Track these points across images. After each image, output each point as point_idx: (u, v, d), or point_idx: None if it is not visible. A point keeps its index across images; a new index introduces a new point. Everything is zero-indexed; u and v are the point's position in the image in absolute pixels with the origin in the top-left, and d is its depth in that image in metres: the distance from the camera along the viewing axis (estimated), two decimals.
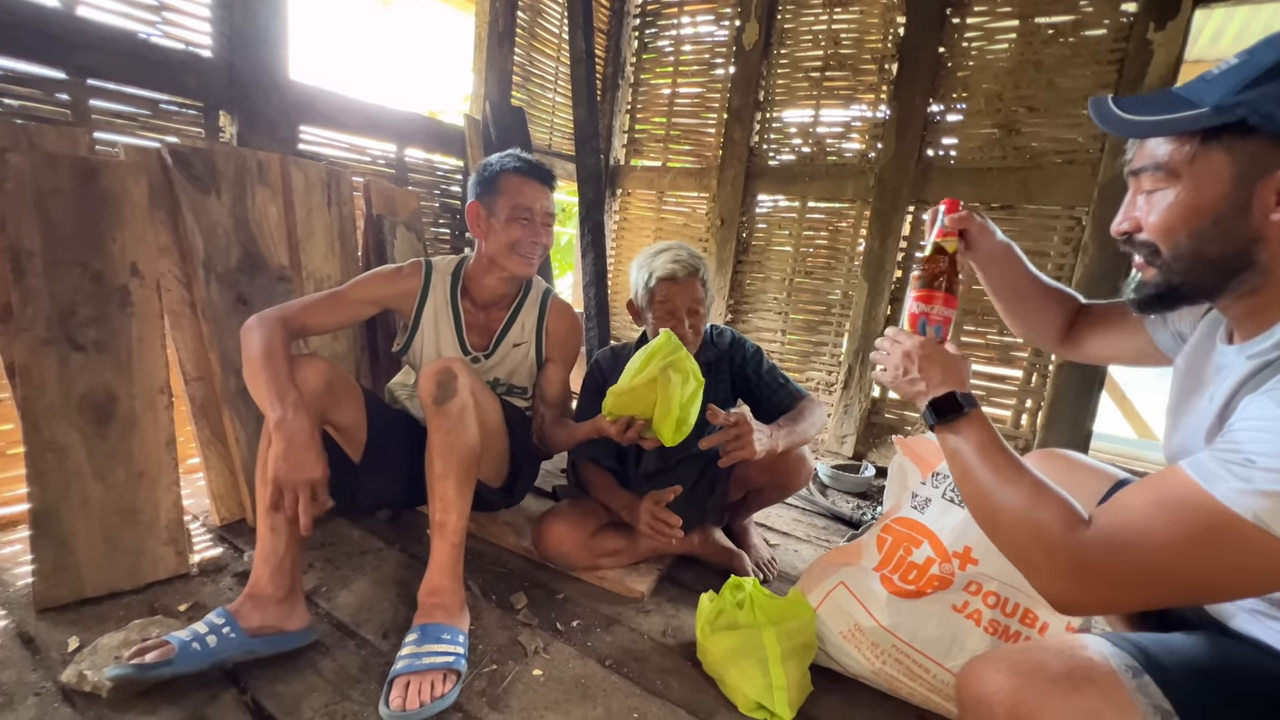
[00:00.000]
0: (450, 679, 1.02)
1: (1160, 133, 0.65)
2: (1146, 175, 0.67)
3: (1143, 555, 0.57)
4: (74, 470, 1.20)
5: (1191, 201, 0.63)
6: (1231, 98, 0.59)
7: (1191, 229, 0.64)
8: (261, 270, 1.62)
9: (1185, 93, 0.64)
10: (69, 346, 1.22)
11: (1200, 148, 0.62)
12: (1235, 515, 0.53)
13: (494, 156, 1.40)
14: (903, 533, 1.09)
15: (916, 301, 0.91)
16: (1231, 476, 0.54)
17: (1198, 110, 0.61)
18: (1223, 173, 0.61)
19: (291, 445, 1.06)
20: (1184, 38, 1.98)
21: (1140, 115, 0.65)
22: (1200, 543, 0.55)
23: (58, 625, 1.12)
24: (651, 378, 1.18)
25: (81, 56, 1.44)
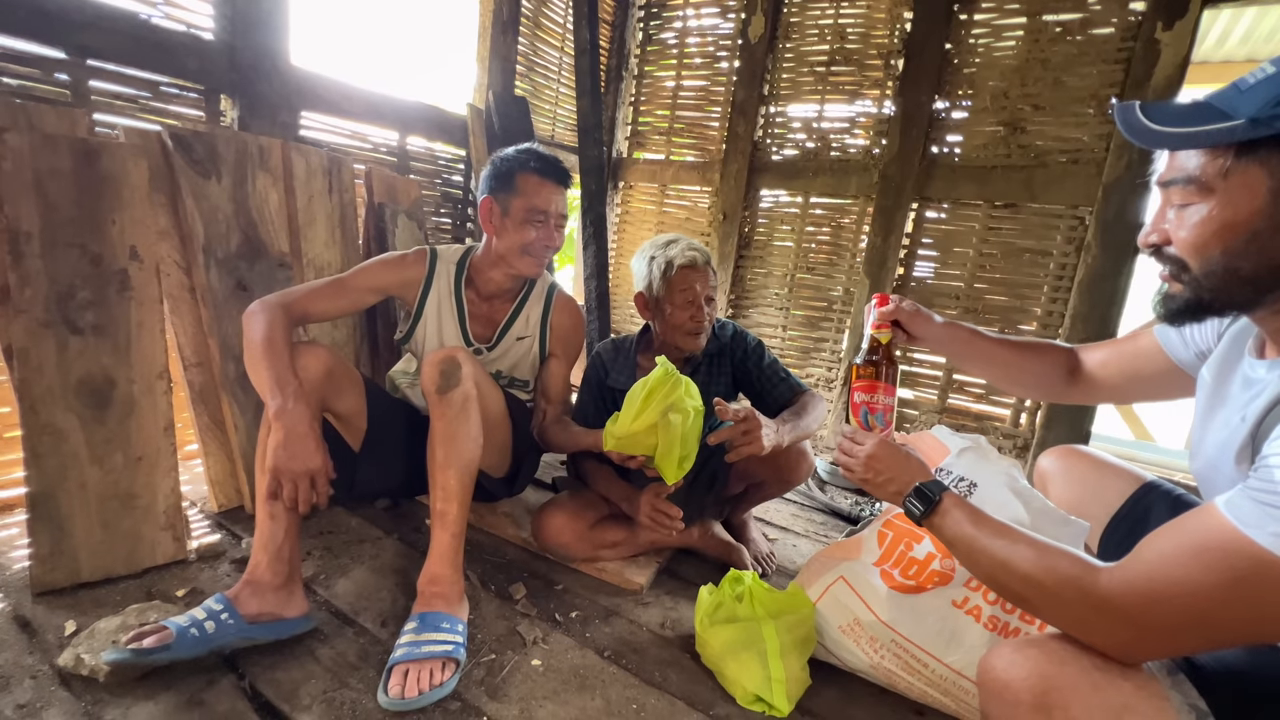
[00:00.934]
0: (449, 667, 1.02)
1: (1193, 145, 0.62)
2: (1177, 189, 0.64)
3: (1186, 605, 0.55)
4: (71, 454, 1.19)
5: (1226, 218, 0.61)
6: (1269, 110, 0.56)
7: (1226, 246, 0.61)
8: (262, 256, 1.61)
9: (1218, 102, 0.61)
10: (67, 329, 1.21)
11: (1235, 162, 0.59)
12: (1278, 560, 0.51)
13: (510, 151, 1.37)
14: (904, 528, 1.09)
15: (858, 393, 0.96)
16: (1271, 520, 0.52)
17: (1233, 122, 0.58)
18: (1259, 188, 0.58)
19: (291, 435, 1.05)
20: (1192, 38, 1.98)
21: (1170, 126, 0.63)
22: (1246, 590, 0.53)
23: (55, 609, 1.12)
24: (651, 423, 1.17)
25: (81, 36, 1.42)
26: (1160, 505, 0.97)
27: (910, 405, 2.59)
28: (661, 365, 1.21)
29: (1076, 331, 2.18)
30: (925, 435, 1.18)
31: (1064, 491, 1.12)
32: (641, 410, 1.18)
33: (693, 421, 1.20)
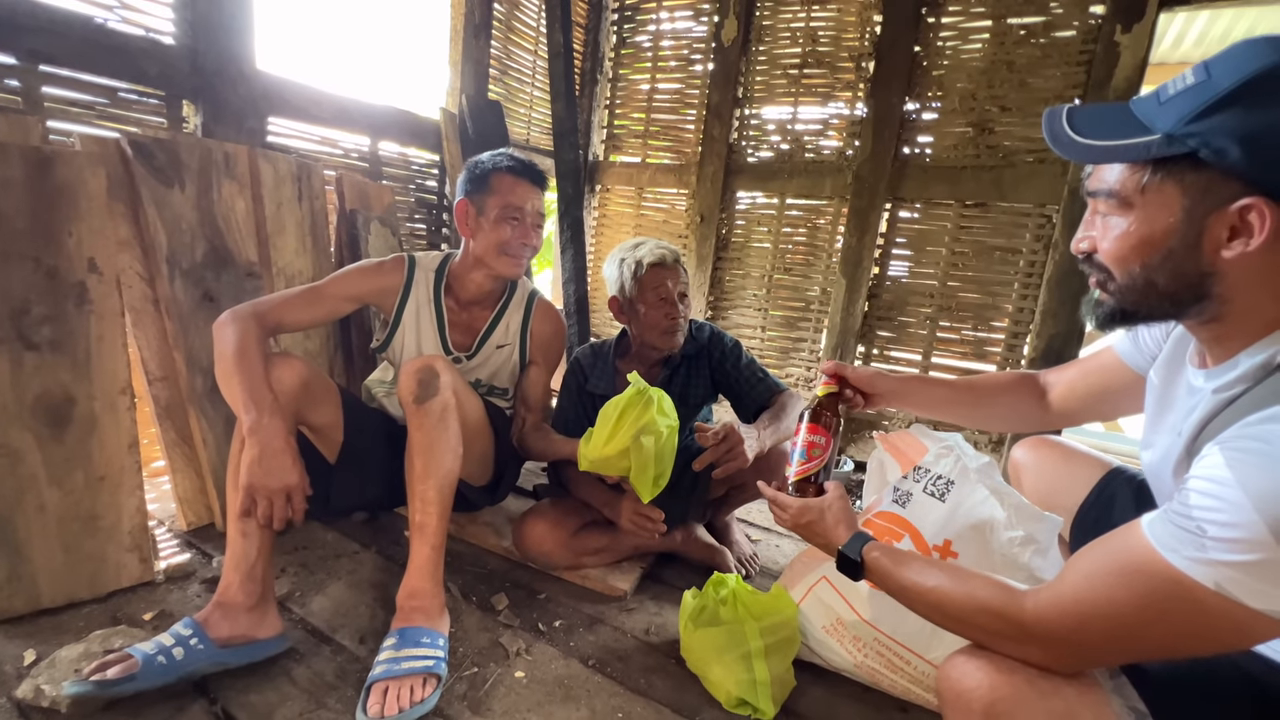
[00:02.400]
0: (430, 683, 1.00)
1: (1111, 160, 0.62)
2: (1101, 200, 0.65)
3: (1110, 624, 0.58)
4: (29, 475, 1.15)
5: (1142, 233, 0.61)
6: (1184, 127, 0.56)
7: (1143, 261, 0.62)
8: (229, 266, 1.57)
9: (1140, 112, 0.61)
10: (21, 346, 1.16)
11: (1152, 178, 0.59)
12: (1195, 583, 0.52)
13: (485, 154, 1.37)
14: (884, 526, 1.10)
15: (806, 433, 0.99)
16: (1187, 545, 0.53)
17: (1150, 138, 0.58)
18: (1174, 204, 0.59)
19: (266, 451, 1.02)
20: (1149, 40, 2.04)
21: (1093, 138, 0.63)
22: (1164, 610, 0.54)
23: (13, 638, 1.07)
24: (624, 447, 1.17)
25: (32, 40, 1.37)
26: (1124, 491, 1.00)
27: None
28: (634, 384, 1.21)
29: (1047, 327, 2.23)
30: (904, 434, 1.20)
31: (1037, 481, 1.15)
32: (614, 433, 1.18)
33: (666, 440, 1.20)
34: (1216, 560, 0.51)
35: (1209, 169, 0.56)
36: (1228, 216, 0.56)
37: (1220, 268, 0.58)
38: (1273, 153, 0.53)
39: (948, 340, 2.48)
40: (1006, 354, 2.37)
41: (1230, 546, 0.50)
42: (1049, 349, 2.22)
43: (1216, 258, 0.58)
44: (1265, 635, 0.52)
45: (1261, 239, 0.55)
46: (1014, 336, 2.35)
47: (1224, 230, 0.57)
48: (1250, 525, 0.49)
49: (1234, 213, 0.55)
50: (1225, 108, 0.54)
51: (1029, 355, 2.31)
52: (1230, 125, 0.54)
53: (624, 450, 1.17)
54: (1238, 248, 0.56)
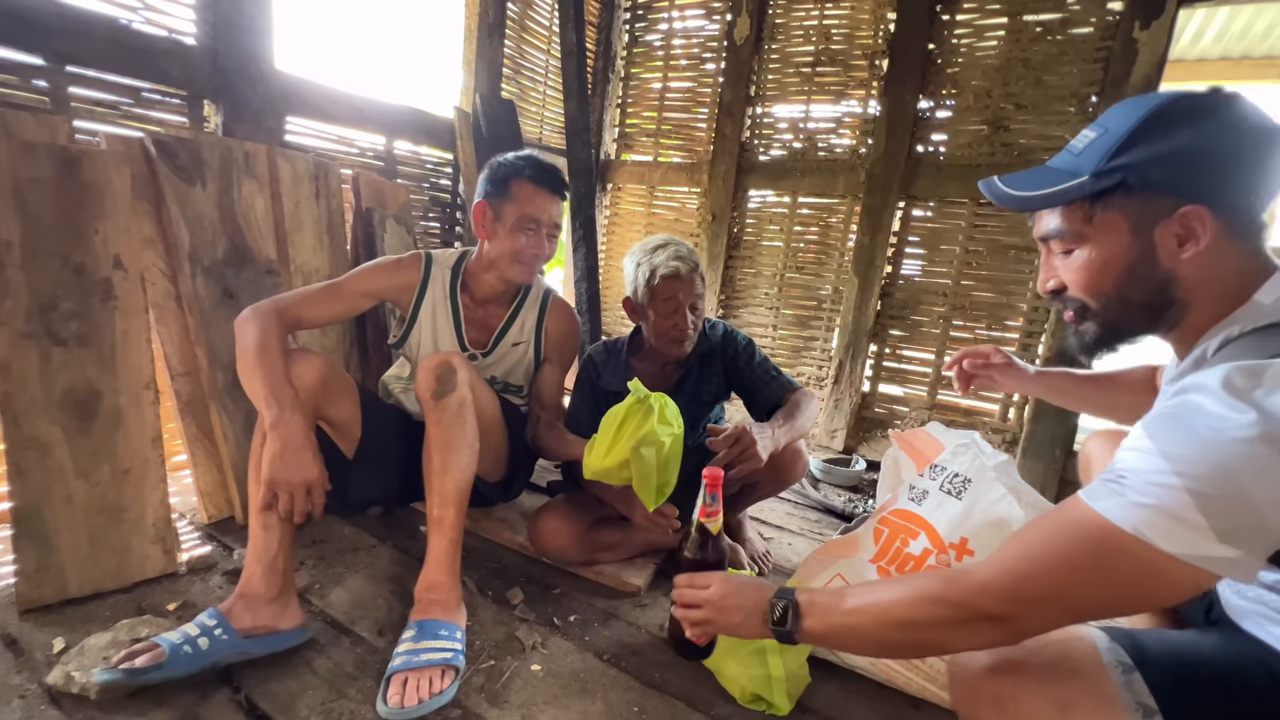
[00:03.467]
0: (448, 675, 1.01)
1: (1054, 204, 0.70)
2: (1055, 241, 0.73)
3: (1046, 582, 0.60)
4: (56, 468, 1.17)
5: (1103, 257, 0.68)
6: (1106, 164, 0.65)
7: (1112, 280, 0.69)
8: (248, 263, 1.59)
9: (1060, 165, 0.71)
10: (50, 341, 1.19)
11: (1093, 210, 0.68)
12: (1115, 528, 0.56)
13: (509, 157, 1.36)
14: (899, 524, 1.10)
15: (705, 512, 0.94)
16: (1109, 494, 0.58)
17: (1080, 180, 0.67)
18: (1121, 227, 0.67)
19: (288, 446, 1.04)
20: (1168, 37, 2.01)
21: (1029, 191, 0.72)
22: (1095, 560, 0.58)
23: (42, 626, 1.09)
24: (623, 459, 1.16)
25: (60, 42, 1.39)
26: None
27: (900, 402, 2.62)
28: (634, 392, 1.19)
29: (1062, 326, 2.21)
30: (920, 432, 1.20)
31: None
32: (613, 444, 1.16)
33: (669, 449, 1.18)
34: (1133, 503, 0.56)
35: (1139, 192, 0.65)
36: (1172, 225, 0.64)
37: (1179, 271, 0.66)
38: (1184, 168, 0.63)
39: (961, 339, 2.46)
40: (1020, 353, 2.36)
41: (1143, 491, 0.56)
42: (1064, 349, 2.21)
43: (1175, 262, 0.65)
44: (1185, 584, 0.56)
45: (1209, 236, 0.63)
46: (1028, 336, 2.34)
47: (1172, 238, 0.65)
48: (1159, 472, 0.55)
49: (1176, 220, 0.64)
50: (1133, 144, 0.65)
51: (1043, 355, 2.30)
52: (1143, 155, 0.64)
53: (624, 461, 1.16)
54: (1191, 249, 0.64)
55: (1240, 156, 0.63)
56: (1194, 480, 0.53)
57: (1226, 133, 0.63)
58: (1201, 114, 0.63)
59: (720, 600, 0.85)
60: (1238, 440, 0.52)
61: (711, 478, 0.93)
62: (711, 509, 0.93)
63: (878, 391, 2.65)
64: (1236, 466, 0.52)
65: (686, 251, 1.39)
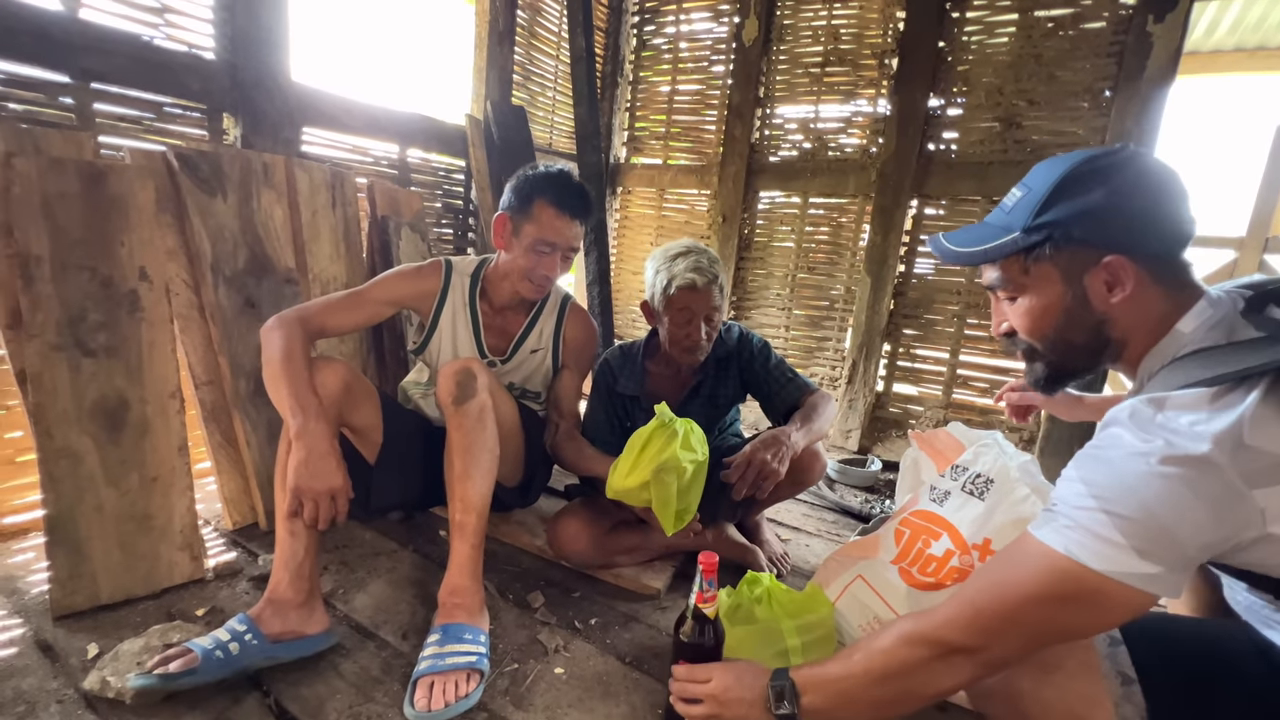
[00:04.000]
0: (474, 678, 1.02)
1: (990, 259, 0.77)
2: (999, 290, 0.79)
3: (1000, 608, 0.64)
4: (87, 477, 1.20)
5: (1041, 304, 0.75)
6: (1031, 222, 0.72)
7: (1052, 324, 0.75)
8: (268, 273, 1.61)
9: (996, 222, 0.77)
10: (79, 352, 1.21)
11: (1027, 262, 0.74)
12: (1053, 551, 0.61)
13: (538, 171, 1.35)
14: (921, 525, 1.10)
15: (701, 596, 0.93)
16: (1045, 521, 0.64)
17: (1012, 236, 0.74)
18: (1054, 277, 0.73)
19: (312, 454, 1.05)
20: (1183, 29, 2.00)
21: (971, 247, 0.78)
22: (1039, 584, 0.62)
23: (76, 632, 1.12)
24: (644, 481, 1.18)
25: (85, 60, 1.43)
26: None
27: (915, 401, 2.60)
28: (659, 415, 1.20)
29: None
30: (940, 433, 1.19)
31: None
32: (635, 467, 1.19)
33: (691, 476, 1.20)
34: (1063, 526, 0.62)
35: (1065, 246, 0.71)
36: (1099, 273, 0.70)
37: (1111, 314, 0.71)
38: (1101, 223, 0.69)
39: (976, 337, 2.45)
40: None
41: (1070, 515, 0.61)
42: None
43: (1107, 306, 0.71)
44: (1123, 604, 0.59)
45: (1134, 281, 0.69)
46: None
47: (1101, 285, 0.70)
48: (1080, 496, 0.61)
49: (1102, 269, 0.69)
50: (1052, 204, 0.71)
51: None
52: (1062, 214, 0.70)
53: (644, 483, 1.18)
54: (1119, 294, 0.70)
55: (1152, 208, 0.68)
56: (1108, 503, 0.59)
57: (1136, 187, 0.68)
58: (1111, 172, 0.69)
59: (722, 694, 0.84)
60: (1141, 466, 0.58)
61: (707, 563, 0.92)
62: (708, 594, 0.92)
63: (892, 391, 2.64)
64: (1143, 490, 0.57)
65: (706, 262, 1.36)
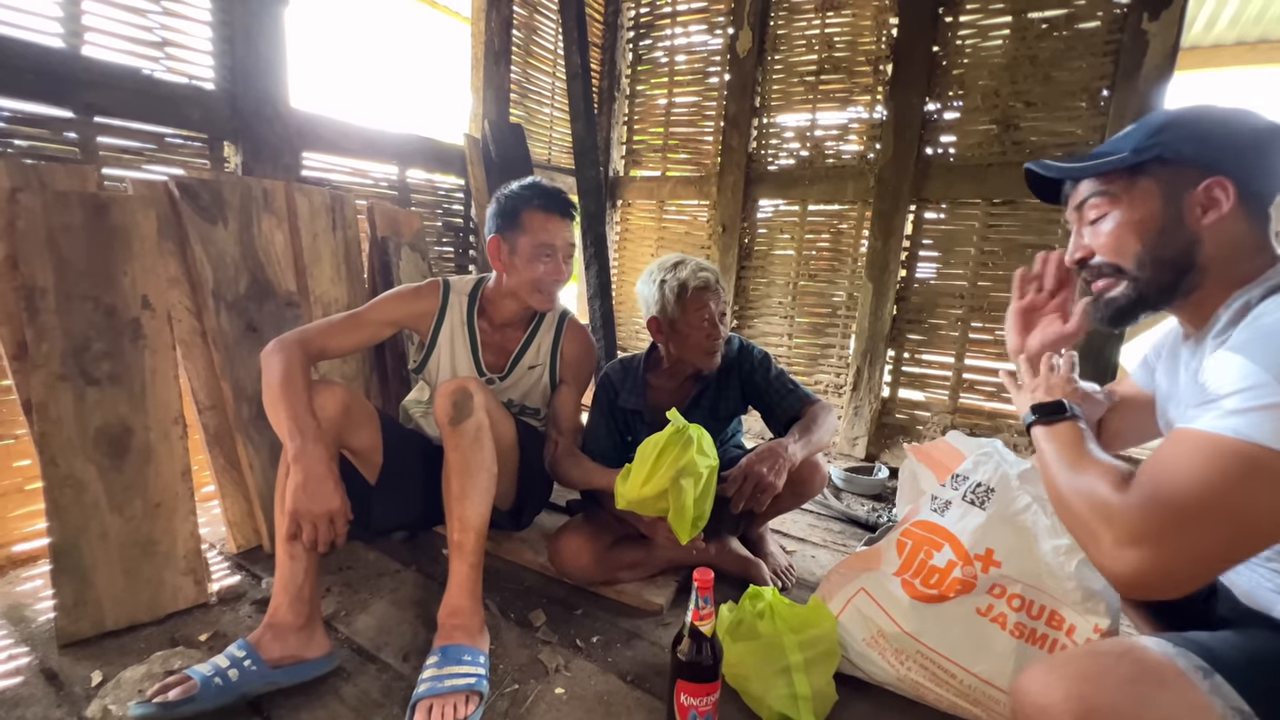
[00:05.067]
0: (473, 701, 1.02)
1: (1100, 170, 0.79)
2: (1090, 204, 0.81)
3: (1183, 503, 0.59)
4: (92, 504, 1.21)
5: (1137, 217, 0.77)
6: (1143, 142, 0.76)
7: (1143, 239, 0.76)
8: (270, 297, 1.63)
9: (1104, 149, 0.80)
10: (84, 381, 1.23)
11: (1130, 178, 0.77)
12: (1224, 438, 0.58)
13: (514, 187, 1.38)
14: (923, 536, 1.08)
15: (686, 696, 0.93)
16: (1208, 412, 0.62)
17: (1121, 154, 0.77)
18: (1154, 192, 0.75)
19: (310, 477, 1.06)
20: (1179, 25, 1.98)
21: (1075, 163, 0.82)
22: (1220, 474, 0.58)
23: (80, 660, 1.12)
24: (662, 489, 1.16)
25: (88, 95, 1.46)
26: None
27: (921, 407, 2.58)
28: (672, 422, 1.19)
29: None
30: (939, 443, 1.18)
31: None
32: (652, 474, 1.17)
33: (706, 481, 1.19)
34: (1230, 410, 0.59)
35: (1172, 164, 0.74)
36: (1198, 194, 0.73)
37: (1202, 235, 0.73)
38: (1212, 146, 0.73)
39: (981, 341, 2.42)
40: None
41: (1241, 398, 0.59)
42: (1089, 347, 2.16)
43: (1199, 227, 0.73)
44: None
45: (1230, 204, 0.71)
46: None
47: (1198, 206, 0.73)
48: (1253, 374, 0.59)
49: (1202, 191, 0.72)
50: (1167, 129, 0.75)
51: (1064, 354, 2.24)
52: (1175, 135, 0.75)
53: (662, 492, 1.17)
54: (1213, 215, 0.72)
55: (1259, 145, 0.72)
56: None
57: (1248, 125, 0.73)
58: (1228, 113, 0.75)
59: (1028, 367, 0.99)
60: None
61: (702, 581, 0.92)
62: (704, 611, 0.92)
63: (898, 397, 2.62)
64: None
65: (708, 265, 1.44)
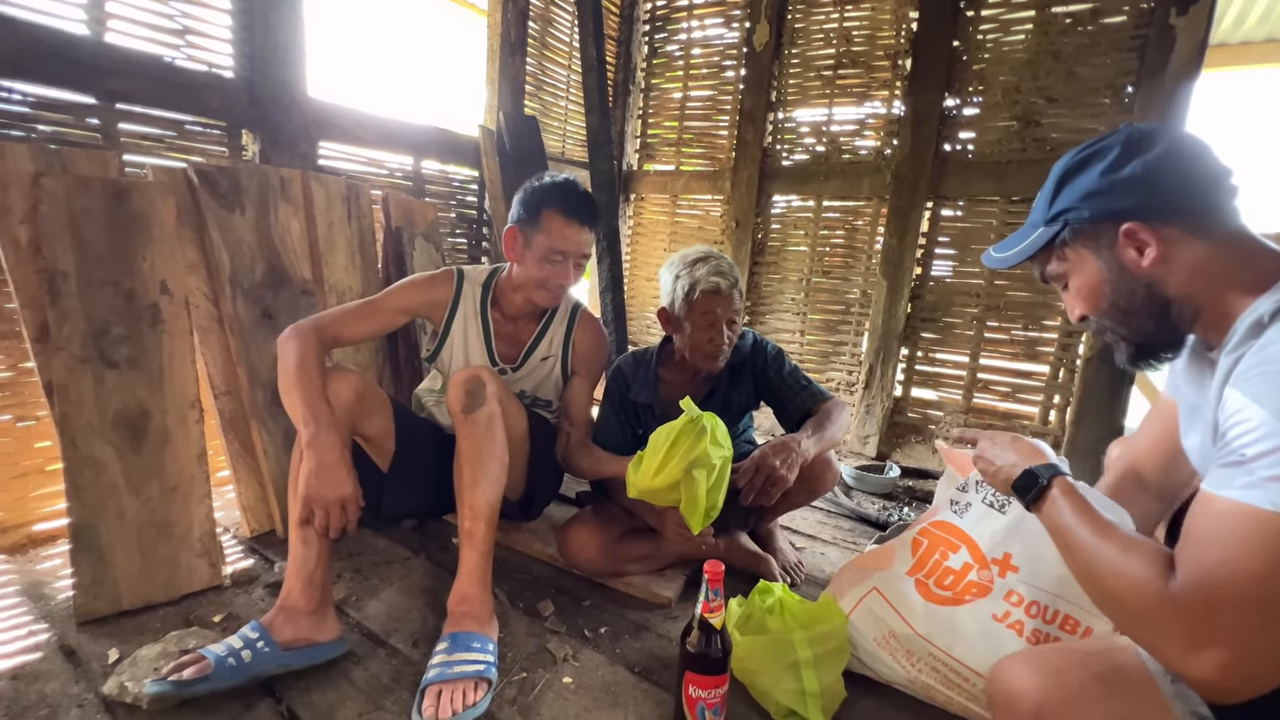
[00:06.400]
0: (481, 687, 1.02)
1: (1026, 256, 0.81)
2: (1051, 280, 0.82)
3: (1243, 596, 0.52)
4: (110, 485, 1.23)
5: (1089, 283, 0.76)
6: (1049, 213, 0.77)
7: (1108, 298, 0.75)
8: (285, 284, 1.65)
9: (1030, 222, 0.82)
10: (103, 364, 1.25)
11: (1060, 250, 0.78)
12: (1256, 510, 0.52)
13: (544, 181, 1.36)
14: (940, 536, 1.07)
15: (694, 688, 0.94)
16: (1237, 477, 0.54)
17: (1038, 231, 0.79)
18: (1087, 255, 0.75)
19: (322, 464, 1.07)
20: (1208, 21, 1.94)
21: (1008, 251, 0.84)
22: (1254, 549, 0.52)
23: (98, 637, 1.14)
24: (674, 481, 1.14)
25: (110, 81, 1.48)
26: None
27: (934, 406, 2.55)
28: (686, 411, 1.17)
29: None
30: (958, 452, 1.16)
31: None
32: (664, 464, 1.14)
33: (719, 472, 1.17)
34: (1265, 478, 0.52)
35: (1083, 226, 0.74)
36: (1123, 243, 0.71)
37: (1155, 275, 0.71)
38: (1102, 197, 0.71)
39: (997, 341, 2.40)
40: (1060, 354, 2.28)
41: (1271, 461, 0.52)
42: (1106, 347, 2.12)
43: (1146, 270, 0.71)
44: None
45: (1157, 245, 0.69)
46: (1068, 335, 2.26)
47: (1131, 252, 0.71)
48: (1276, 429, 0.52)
49: (1123, 238, 0.70)
50: (1059, 192, 0.76)
51: (1084, 355, 2.22)
52: (1068, 200, 0.75)
53: (674, 483, 1.15)
54: (1150, 255, 0.70)
55: (1154, 171, 0.68)
56: None
57: (1130, 156, 0.70)
58: (1106, 150, 0.72)
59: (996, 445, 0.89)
60: None
61: (712, 573, 0.93)
62: (714, 604, 0.93)
63: (910, 396, 2.60)
64: None
65: (728, 267, 1.38)
